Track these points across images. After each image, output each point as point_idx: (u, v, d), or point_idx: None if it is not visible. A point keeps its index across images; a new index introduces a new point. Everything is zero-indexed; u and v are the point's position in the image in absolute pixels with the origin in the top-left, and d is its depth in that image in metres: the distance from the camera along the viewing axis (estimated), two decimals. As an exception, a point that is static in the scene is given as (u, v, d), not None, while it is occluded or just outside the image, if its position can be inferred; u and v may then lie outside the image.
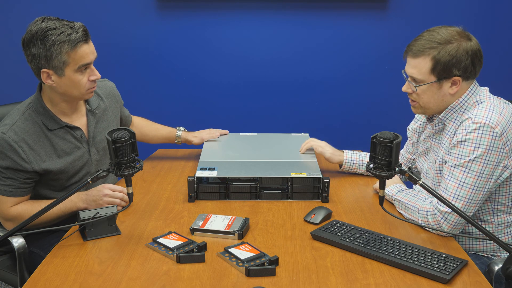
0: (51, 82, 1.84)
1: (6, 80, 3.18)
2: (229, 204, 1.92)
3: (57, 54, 1.78)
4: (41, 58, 1.79)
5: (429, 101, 1.80)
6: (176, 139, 2.40)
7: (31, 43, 1.79)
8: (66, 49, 1.78)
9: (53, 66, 1.80)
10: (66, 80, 1.83)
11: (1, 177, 1.86)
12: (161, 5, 3.07)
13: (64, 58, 1.79)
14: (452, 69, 1.73)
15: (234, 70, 3.18)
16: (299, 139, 2.38)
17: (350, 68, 3.17)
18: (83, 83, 1.86)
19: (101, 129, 2.05)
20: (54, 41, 1.77)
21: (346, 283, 1.42)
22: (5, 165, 1.84)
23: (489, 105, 1.74)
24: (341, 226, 1.70)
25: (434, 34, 1.75)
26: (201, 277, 1.44)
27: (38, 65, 1.82)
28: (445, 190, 1.73)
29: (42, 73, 1.82)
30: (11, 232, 1.58)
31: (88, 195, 1.90)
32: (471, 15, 3.11)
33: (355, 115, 3.23)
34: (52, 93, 1.89)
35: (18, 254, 1.82)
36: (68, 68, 1.81)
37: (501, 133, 1.69)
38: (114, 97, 2.18)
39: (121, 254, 1.57)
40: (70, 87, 1.85)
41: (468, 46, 1.73)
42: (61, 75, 1.82)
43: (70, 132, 1.95)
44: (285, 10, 3.08)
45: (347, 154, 2.19)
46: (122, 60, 3.13)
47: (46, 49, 1.78)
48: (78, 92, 1.88)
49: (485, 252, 1.86)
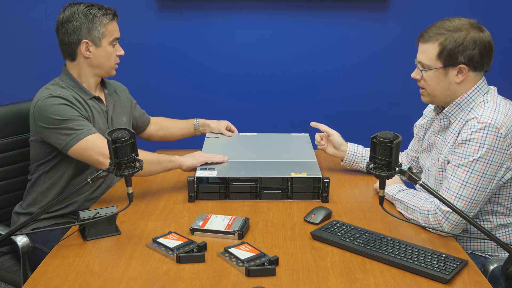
0: (89, 54, 2.07)
1: (5, 80, 3.18)
2: (229, 204, 1.92)
3: (97, 26, 2.05)
4: (82, 29, 2.04)
5: (435, 88, 1.81)
6: (195, 127, 2.52)
7: (73, 17, 2.04)
8: (106, 21, 2.06)
9: (93, 36, 2.05)
10: (102, 51, 2.08)
11: (81, 121, 1.97)
12: (161, 5, 3.07)
13: (103, 29, 2.06)
14: (457, 56, 1.75)
15: (234, 70, 3.18)
16: (299, 139, 2.38)
17: (350, 68, 3.17)
18: (113, 56, 2.12)
19: (116, 114, 2.23)
20: (95, 14, 2.05)
21: (346, 283, 1.42)
22: (75, 113, 1.98)
23: (495, 105, 1.74)
24: (341, 226, 1.70)
25: (446, 22, 1.80)
26: (201, 277, 1.44)
27: (78, 37, 2.05)
28: (448, 189, 1.73)
29: (82, 44, 2.05)
30: (12, 231, 1.58)
31: (187, 156, 2.07)
32: (471, 15, 3.10)
33: (355, 115, 3.23)
34: (84, 67, 2.09)
35: (22, 253, 1.82)
36: (105, 39, 2.07)
37: (505, 134, 1.69)
38: (125, 91, 2.36)
39: (121, 254, 1.57)
40: (104, 58, 2.09)
41: (477, 36, 1.75)
42: (99, 46, 2.07)
43: (98, 105, 2.14)
44: (285, 10, 3.08)
45: (350, 146, 2.21)
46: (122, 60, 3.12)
47: (89, 20, 2.04)
48: (109, 64, 2.12)
49: (482, 252, 1.86)
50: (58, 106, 1.96)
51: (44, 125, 1.97)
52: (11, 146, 2.18)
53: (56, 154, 2.05)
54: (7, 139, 2.17)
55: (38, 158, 2.08)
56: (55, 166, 2.06)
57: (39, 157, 2.07)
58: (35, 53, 3.12)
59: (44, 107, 1.96)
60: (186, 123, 2.55)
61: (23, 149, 2.20)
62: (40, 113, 1.97)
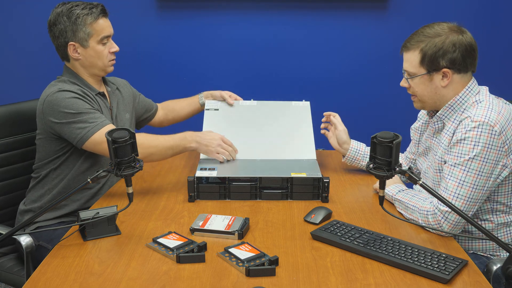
0: (77, 55, 2.04)
1: (5, 81, 3.18)
2: (229, 204, 1.92)
3: (82, 26, 2.00)
4: (67, 32, 2.01)
5: (423, 94, 1.84)
6: (199, 100, 2.49)
7: (57, 20, 2.01)
8: (90, 21, 2.00)
9: (79, 38, 2.01)
10: (91, 51, 2.04)
11: (93, 113, 1.97)
12: (161, 5, 3.07)
13: (88, 29, 2.01)
14: (439, 60, 1.77)
15: (234, 70, 3.18)
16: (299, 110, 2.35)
17: (350, 68, 3.18)
18: (105, 54, 2.06)
19: (120, 111, 2.22)
20: (78, 15, 1.99)
21: (346, 283, 1.42)
22: (87, 106, 1.98)
23: (488, 104, 1.75)
24: (341, 226, 1.70)
25: (426, 29, 1.81)
26: (201, 277, 1.44)
27: (65, 40, 2.02)
28: (445, 189, 1.73)
29: (69, 47, 2.02)
30: (14, 230, 1.58)
31: (202, 138, 2.04)
32: (471, 15, 3.11)
33: (355, 115, 3.23)
34: (78, 68, 2.08)
35: (26, 253, 1.82)
36: (92, 39, 2.02)
37: (500, 131, 1.69)
38: (126, 85, 2.35)
39: (121, 254, 1.57)
40: (94, 58, 2.05)
41: (456, 38, 1.76)
42: (86, 47, 2.03)
43: (103, 101, 2.13)
44: (285, 10, 3.08)
45: (353, 143, 2.22)
46: (122, 60, 3.12)
47: (72, 22, 1.99)
48: (102, 63, 2.07)
49: (484, 251, 1.86)
50: (69, 99, 1.96)
51: (56, 120, 1.96)
52: (11, 147, 2.18)
53: (66, 150, 2.04)
54: (6, 139, 2.16)
55: (47, 156, 2.07)
56: (64, 162, 2.06)
57: (48, 154, 2.06)
58: (34, 54, 3.12)
59: (55, 101, 1.96)
60: (191, 99, 2.52)
61: (23, 149, 2.20)
62: (51, 108, 1.97)
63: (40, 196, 2.09)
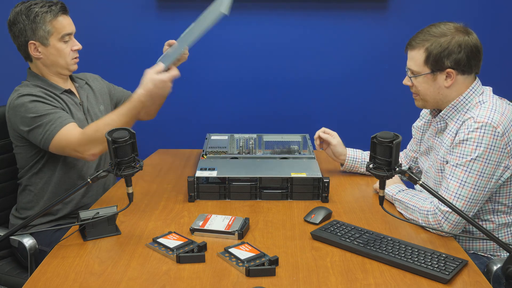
0: (38, 54, 2.00)
1: (6, 80, 3.17)
2: (229, 204, 1.92)
3: (41, 24, 1.96)
4: (27, 30, 1.97)
5: (425, 93, 1.83)
6: None
7: (17, 19, 1.97)
8: (49, 18, 1.96)
9: (38, 36, 1.97)
10: (52, 49, 2.00)
11: (53, 114, 1.93)
12: (161, 5, 3.07)
13: (48, 27, 1.97)
14: (444, 60, 1.76)
15: (234, 70, 3.18)
16: None
17: (350, 68, 3.17)
18: (67, 52, 2.02)
19: (92, 105, 2.18)
20: (37, 13, 1.95)
21: (346, 283, 1.42)
22: (47, 108, 1.95)
23: (491, 105, 1.75)
24: (341, 226, 1.70)
25: (432, 28, 1.80)
26: (201, 277, 1.44)
27: (25, 39, 1.98)
28: (447, 189, 1.73)
29: (30, 46, 1.98)
30: (11, 232, 1.58)
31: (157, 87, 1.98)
32: (471, 15, 3.11)
33: (355, 115, 3.23)
34: (41, 67, 2.04)
35: (30, 255, 1.82)
36: (52, 37, 1.99)
37: (502, 133, 1.69)
38: (96, 79, 2.30)
39: (121, 254, 1.57)
40: (56, 57, 2.01)
41: (462, 39, 1.75)
42: (47, 45, 1.99)
43: (71, 98, 2.09)
44: (285, 10, 3.08)
45: (349, 152, 2.20)
46: (122, 60, 3.12)
47: (31, 20, 1.96)
48: (64, 61, 2.03)
49: (484, 252, 1.86)
50: (29, 103, 1.94)
51: (22, 126, 1.95)
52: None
53: (43, 153, 2.02)
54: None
55: (27, 163, 2.05)
56: (45, 165, 2.04)
57: (27, 161, 2.05)
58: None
59: (17, 107, 1.95)
60: None
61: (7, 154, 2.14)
62: (15, 114, 1.96)
63: (28, 202, 2.08)
